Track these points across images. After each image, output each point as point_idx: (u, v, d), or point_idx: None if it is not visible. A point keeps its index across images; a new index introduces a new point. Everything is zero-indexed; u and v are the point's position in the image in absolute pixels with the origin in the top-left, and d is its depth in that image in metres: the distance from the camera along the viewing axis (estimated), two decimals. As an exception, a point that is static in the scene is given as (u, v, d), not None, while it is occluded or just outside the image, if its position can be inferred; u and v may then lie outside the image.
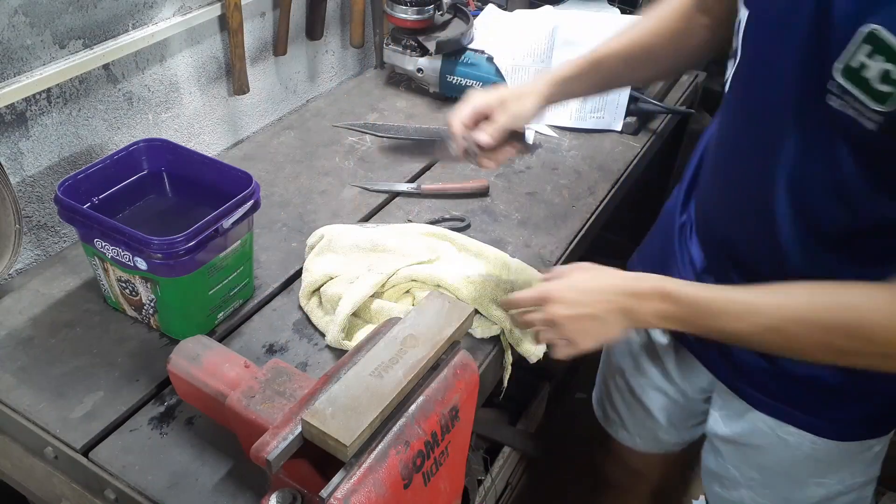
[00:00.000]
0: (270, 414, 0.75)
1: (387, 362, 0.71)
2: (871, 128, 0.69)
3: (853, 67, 0.68)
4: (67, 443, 0.87)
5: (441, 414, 0.72)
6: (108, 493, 0.85)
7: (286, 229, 1.22)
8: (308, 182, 1.34)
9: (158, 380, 0.95)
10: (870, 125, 0.69)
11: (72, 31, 1.13)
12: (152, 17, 1.25)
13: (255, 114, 1.58)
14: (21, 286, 1.08)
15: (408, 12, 1.52)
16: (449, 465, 0.75)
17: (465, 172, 1.39)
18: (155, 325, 1.01)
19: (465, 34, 1.55)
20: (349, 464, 0.65)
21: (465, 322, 0.78)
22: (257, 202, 0.98)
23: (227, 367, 0.81)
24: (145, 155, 1.07)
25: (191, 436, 0.89)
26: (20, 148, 1.12)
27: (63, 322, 1.02)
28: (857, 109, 0.70)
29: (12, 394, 0.92)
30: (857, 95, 0.69)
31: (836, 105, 0.72)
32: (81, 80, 1.17)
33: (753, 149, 0.86)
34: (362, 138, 1.47)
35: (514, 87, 1.03)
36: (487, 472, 1.54)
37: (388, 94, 1.64)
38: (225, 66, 1.44)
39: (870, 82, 0.67)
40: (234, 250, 0.99)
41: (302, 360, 0.99)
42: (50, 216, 1.20)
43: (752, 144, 0.86)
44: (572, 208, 1.31)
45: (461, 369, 0.76)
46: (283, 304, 1.08)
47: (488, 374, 1.03)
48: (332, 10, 1.67)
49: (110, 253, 0.94)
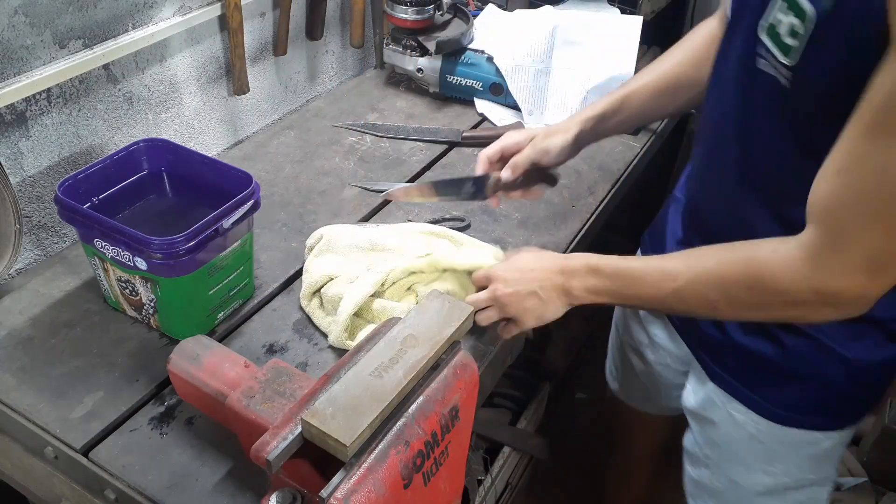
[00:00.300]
0: (270, 414, 0.75)
1: (387, 362, 0.71)
2: (785, 84, 0.75)
3: (772, 25, 0.74)
4: (67, 443, 0.87)
5: (441, 414, 0.72)
6: (108, 493, 0.85)
7: (286, 229, 1.22)
8: (308, 182, 1.34)
9: (158, 380, 0.95)
10: (784, 81, 0.74)
11: (72, 31, 1.13)
12: (152, 17, 1.25)
13: (255, 114, 1.58)
14: (21, 286, 1.08)
15: (408, 12, 1.52)
16: (449, 465, 0.75)
17: (465, 172, 1.39)
18: (155, 325, 1.01)
19: (465, 34, 1.55)
20: (349, 464, 0.65)
21: (465, 322, 0.78)
22: (257, 202, 0.98)
23: (227, 367, 0.81)
24: (145, 155, 1.07)
25: (191, 436, 0.89)
26: (20, 148, 1.12)
27: (63, 322, 1.02)
28: (775, 67, 0.75)
29: (12, 394, 0.92)
30: (772, 51, 0.75)
31: (762, 66, 0.77)
32: (81, 80, 1.17)
33: (716, 122, 0.91)
34: (362, 138, 1.47)
35: (547, 127, 1.09)
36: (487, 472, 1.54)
37: (388, 94, 1.64)
38: (225, 66, 1.44)
39: (781, 37, 0.73)
40: (234, 250, 0.99)
41: (302, 360, 0.99)
42: (50, 216, 1.20)
43: (714, 118, 0.92)
44: (572, 208, 1.31)
45: (461, 369, 0.76)
46: (283, 304, 1.08)
47: (488, 374, 1.03)
48: (332, 10, 1.67)
49: (110, 253, 0.94)
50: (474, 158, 1.42)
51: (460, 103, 1.61)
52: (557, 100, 1.53)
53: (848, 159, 0.70)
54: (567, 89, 1.52)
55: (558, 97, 1.53)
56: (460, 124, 1.53)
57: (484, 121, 1.56)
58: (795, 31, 0.71)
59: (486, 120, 1.55)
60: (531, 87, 1.53)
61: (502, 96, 1.56)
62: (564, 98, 1.53)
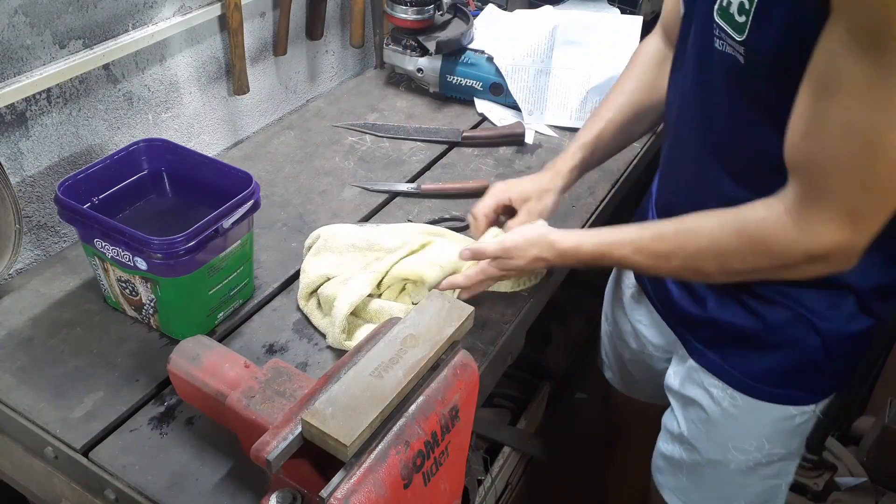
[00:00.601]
0: (270, 414, 0.75)
1: (387, 362, 0.71)
2: (741, 61, 0.78)
3: (723, 6, 0.78)
4: (67, 443, 0.87)
5: (441, 414, 0.72)
6: (108, 493, 0.85)
7: (286, 229, 1.22)
8: (308, 182, 1.34)
9: (158, 380, 0.95)
10: (740, 58, 0.78)
11: (72, 31, 1.13)
12: (152, 17, 1.25)
13: (255, 114, 1.58)
14: (21, 286, 1.08)
15: (408, 12, 1.52)
16: (449, 465, 0.75)
17: (465, 172, 1.39)
18: (155, 325, 1.01)
19: (465, 34, 1.55)
20: (349, 464, 0.65)
21: (465, 322, 0.78)
22: (257, 202, 0.98)
23: (227, 367, 0.81)
24: (145, 155, 1.07)
25: (191, 436, 0.89)
26: (20, 148, 1.12)
27: (63, 322, 1.02)
28: (732, 46, 0.78)
29: (12, 394, 0.92)
30: (726, 30, 0.78)
31: (719, 45, 0.81)
32: (81, 80, 1.17)
33: (680, 107, 0.95)
34: (362, 138, 1.47)
35: (532, 183, 1.13)
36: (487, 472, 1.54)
37: (388, 94, 1.64)
38: (225, 66, 1.44)
39: (733, 16, 0.76)
40: (234, 250, 0.99)
41: (302, 360, 0.99)
42: (50, 216, 1.20)
43: (678, 104, 0.96)
44: (572, 208, 1.31)
45: (461, 369, 0.76)
46: (283, 304, 1.08)
47: (488, 374, 1.03)
48: (332, 10, 1.67)
49: (110, 253, 0.94)
50: (475, 158, 1.43)
51: (460, 103, 1.61)
52: (557, 100, 1.53)
53: (810, 123, 0.74)
54: (567, 89, 1.52)
55: (558, 97, 1.53)
56: (460, 124, 1.53)
57: (484, 121, 1.56)
58: (743, 7, 0.75)
59: (486, 120, 1.55)
60: (531, 87, 1.53)
61: (502, 96, 1.56)
62: (564, 98, 1.53)
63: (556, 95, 1.53)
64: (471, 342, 1.03)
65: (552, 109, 1.54)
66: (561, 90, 1.53)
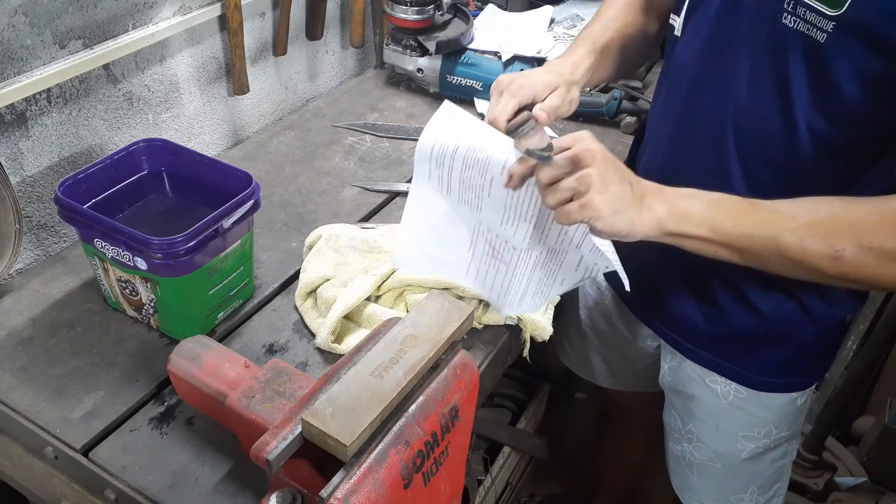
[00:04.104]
0: (270, 414, 0.75)
1: (387, 362, 0.71)
2: (820, 39, 0.73)
3: None
4: (67, 443, 0.87)
5: (441, 414, 0.72)
6: (108, 493, 0.85)
7: (286, 229, 1.22)
8: (308, 182, 1.34)
9: (158, 380, 0.95)
10: (820, 36, 0.73)
11: (72, 31, 1.13)
12: (152, 17, 1.25)
13: (255, 114, 1.58)
14: (21, 286, 1.08)
15: (408, 12, 1.52)
16: (449, 465, 0.75)
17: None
18: (155, 325, 1.01)
19: (465, 34, 1.55)
20: (349, 464, 0.65)
21: (465, 322, 0.78)
22: (257, 202, 0.98)
23: (227, 367, 0.81)
24: (145, 155, 1.07)
25: (191, 436, 0.89)
26: (20, 148, 1.12)
27: (63, 322, 1.02)
28: (809, 22, 0.73)
29: (12, 394, 0.92)
30: (812, 5, 0.72)
31: (789, 23, 0.75)
32: (81, 80, 1.17)
33: (708, 85, 0.88)
34: (362, 138, 1.47)
35: (550, 74, 0.94)
36: (487, 472, 1.54)
37: (388, 94, 1.64)
38: (225, 66, 1.44)
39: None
40: (234, 250, 0.99)
41: (302, 360, 0.99)
42: (50, 216, 1.20)
43: (707, 81, 0.88)
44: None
45: (461, 369, 0.76)
46: (283, 304, 1.08)
47: (488, 374, 1.03)
48: (332, 10, 1.67)
49: (110, 253, 0.94)
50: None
51: (460, 103, 1.60)
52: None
53: None
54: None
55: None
56: (460, 124, 1.53)
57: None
58: None
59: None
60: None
61: (502, 96, 1.55)
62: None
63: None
64: (471, 342, 1.03)
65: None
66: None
